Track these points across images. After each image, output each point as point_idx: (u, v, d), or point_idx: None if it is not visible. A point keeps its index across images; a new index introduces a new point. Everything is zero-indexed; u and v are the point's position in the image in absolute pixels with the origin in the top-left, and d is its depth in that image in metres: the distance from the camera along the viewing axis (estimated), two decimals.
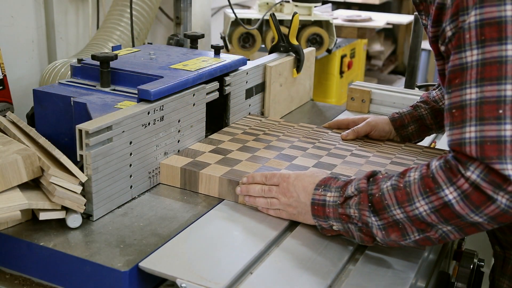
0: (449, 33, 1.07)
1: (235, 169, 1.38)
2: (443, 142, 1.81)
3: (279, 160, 1.46)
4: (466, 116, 1.01)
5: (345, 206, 1.13)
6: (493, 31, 1.00)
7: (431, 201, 1.03)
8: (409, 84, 2.20)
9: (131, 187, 1.30)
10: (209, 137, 1.58)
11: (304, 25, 2.78)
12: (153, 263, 1.07)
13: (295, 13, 1.98)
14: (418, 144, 1.68)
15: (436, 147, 1.76)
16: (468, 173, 0.99)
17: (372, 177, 1.14)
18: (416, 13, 2.05)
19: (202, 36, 1.86)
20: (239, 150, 1.50)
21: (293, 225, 1.26)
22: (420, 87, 2.25)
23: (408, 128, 1.66)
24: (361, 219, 1.11)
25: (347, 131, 1.66)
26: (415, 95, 1.99)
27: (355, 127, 1.66)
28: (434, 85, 2.39)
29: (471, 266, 1.44)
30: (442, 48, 1.13)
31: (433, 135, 1.81)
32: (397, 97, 2.00)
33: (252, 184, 1.29)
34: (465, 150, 0.99)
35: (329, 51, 2.85)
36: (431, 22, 1.15)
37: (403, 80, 2.60)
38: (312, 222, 1.21)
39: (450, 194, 1.00)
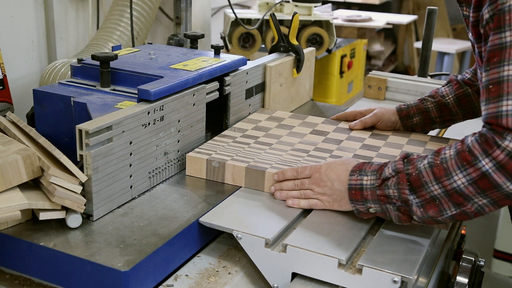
0: (486, 16, 1.13)
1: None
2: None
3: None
4: (503, 91, 1.08)
5: (383, 188, 1.19)
6: None
7: (469, 173, 1.09)
8: (422, 73, 2.33)
9: (131, 187, 1.30)
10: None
11: (304, 25, 2.78)
12: (212, 219, 1.24)
13: (295, 13, 1.98)
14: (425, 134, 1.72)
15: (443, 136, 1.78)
16: (506, 143, 1.05)
17: (406, 158, 1.21)
18: (429, 7, 2.24)
19: (202, 36, 1.86)
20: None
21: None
22: (432, 76, 2.36)
23: (413, 119, 1.70)
24: (401, 198, 1.17)
25: (355, 122, 1.71)
26: (428, 83, 2.14)
27: (363, 118, 1.70)
28: (445, 74, 2.44)
29: (471, 266, 1.44)
30: (482, 30, 1.18)
31: (436, 130, 1.84)
32: (411, 84, 2.17)
33: (284, 181, 1.35)
34: (501, 122, 1.07)
35: (329, 51, 2.85)
36: (472, 9, 1.20)
37: None
38: (348, 207, 1.27)
39: (486, 164, 1.07)
